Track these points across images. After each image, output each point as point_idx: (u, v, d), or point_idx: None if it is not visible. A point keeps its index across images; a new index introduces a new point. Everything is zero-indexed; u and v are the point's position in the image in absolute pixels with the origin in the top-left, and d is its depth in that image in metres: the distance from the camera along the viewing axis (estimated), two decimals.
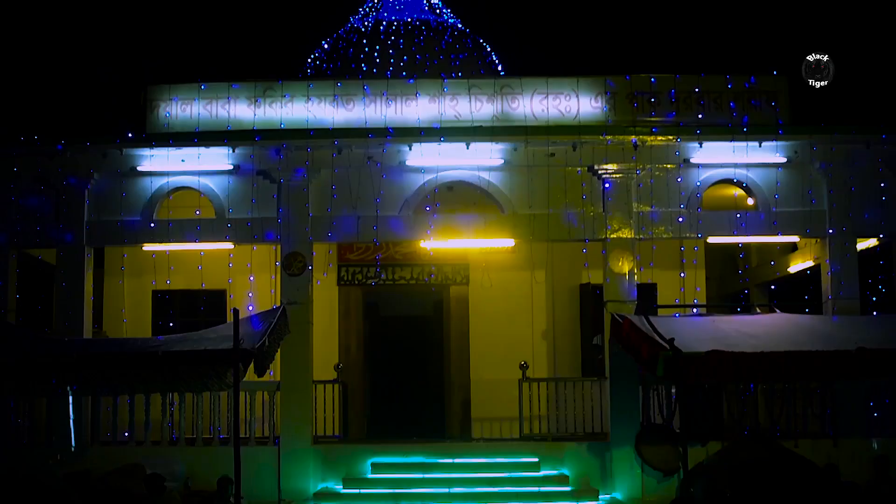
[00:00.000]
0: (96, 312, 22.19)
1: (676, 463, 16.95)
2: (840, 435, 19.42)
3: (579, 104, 21.36)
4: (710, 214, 21.00)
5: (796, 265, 23.07)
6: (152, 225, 20.85)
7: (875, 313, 20.43)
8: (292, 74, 26.47)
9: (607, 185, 20.77)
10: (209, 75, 21.84)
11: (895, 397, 19.68)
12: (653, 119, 21.08)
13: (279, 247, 20.72)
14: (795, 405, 19.92)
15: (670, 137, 20.55)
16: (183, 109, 21.35)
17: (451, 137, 20.49)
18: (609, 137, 20.54)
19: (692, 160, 20.79)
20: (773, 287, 24.38)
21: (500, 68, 27.93)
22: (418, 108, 21.29)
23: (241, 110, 21.36)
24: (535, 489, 19.30)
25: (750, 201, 21.36)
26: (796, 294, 23.53)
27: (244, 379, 16.22)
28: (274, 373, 19.61)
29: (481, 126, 20.82)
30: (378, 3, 28.92)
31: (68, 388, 17.15)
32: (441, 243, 21.21)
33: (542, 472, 19.89)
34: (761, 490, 14.88)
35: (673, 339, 16.06)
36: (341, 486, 19.76)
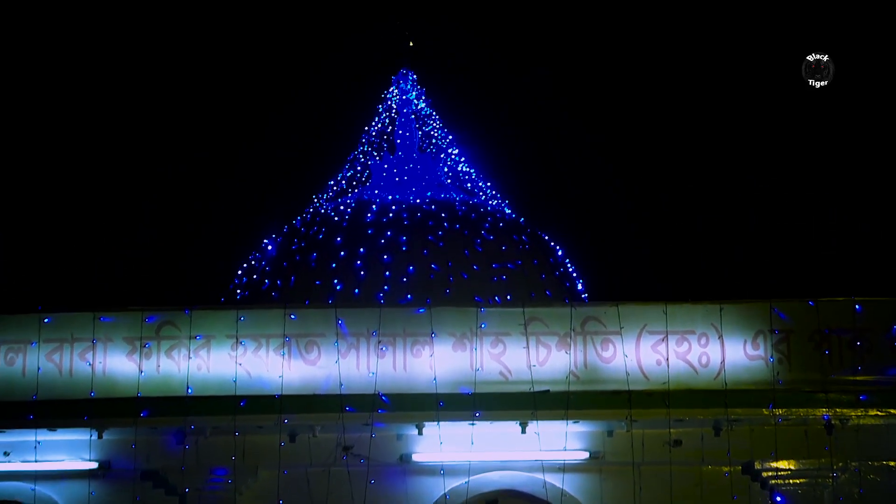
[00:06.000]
0: None
1: None
2: None
3: (724, 351, 18.08)
4: None
5: None
6: None
7: None
8: (211, 299, 25.33)
9: (779, 499, 18.51)
10: (59, 302, 21.12)
11: None
12: (862, 377, 18.10)
13: None
14: None
15: None
16: (10, 361, 18.45)
17: (492, 413, 17.63)
18: (781, 412, 17.74)
19: None
20: None
21: (579, 286, 25.89)
22: (434, 359, 17.97)
23: (115, 363, 18.35)
24: None
25: None
26: None
27: None
28: None
29: (548, 390, 17.74)
30: (364, 176, 26.80)
31: None
32: None
33: None
34: None
35: None
36: None
